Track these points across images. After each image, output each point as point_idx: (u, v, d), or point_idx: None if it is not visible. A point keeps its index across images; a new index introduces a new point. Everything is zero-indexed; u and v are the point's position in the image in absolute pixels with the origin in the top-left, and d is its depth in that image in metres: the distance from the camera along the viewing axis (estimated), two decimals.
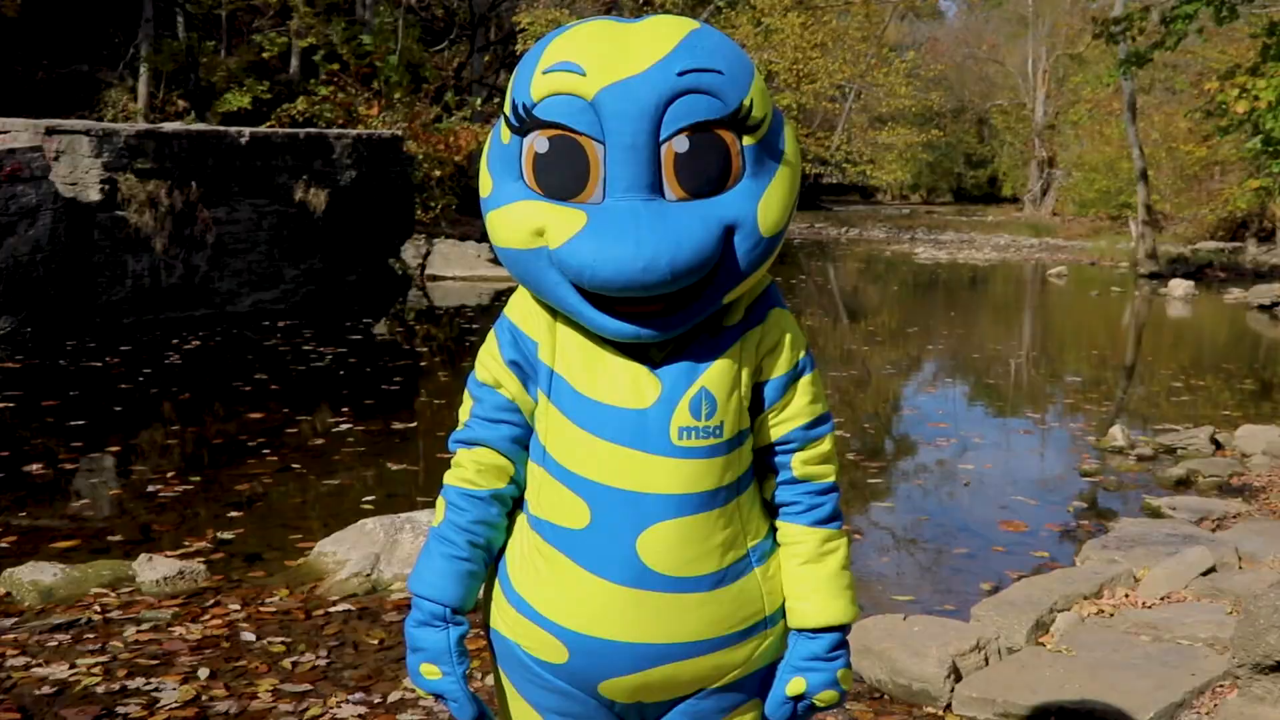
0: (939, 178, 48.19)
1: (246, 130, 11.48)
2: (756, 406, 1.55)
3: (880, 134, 33.00)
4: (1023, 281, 18.65)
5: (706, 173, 1.41)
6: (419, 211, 14.52)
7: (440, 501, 1.60)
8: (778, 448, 1.57)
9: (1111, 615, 3.72)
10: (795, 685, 1.57)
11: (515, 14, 22.25)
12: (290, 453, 6.05)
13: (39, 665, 3.42)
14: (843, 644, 1.59)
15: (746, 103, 1.41)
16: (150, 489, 5.36)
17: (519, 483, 1.59)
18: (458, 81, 21.35)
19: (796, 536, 1.57)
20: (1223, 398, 8.53)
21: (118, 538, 4.67)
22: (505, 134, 1.47)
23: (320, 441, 6.29)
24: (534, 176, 1.44)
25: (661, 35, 1.41)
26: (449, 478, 1.60)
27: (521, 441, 1.57)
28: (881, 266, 20.83)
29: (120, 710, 3.14)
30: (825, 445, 1.59)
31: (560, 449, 1.51)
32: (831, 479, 1.60)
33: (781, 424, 1.56)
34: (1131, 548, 4.38)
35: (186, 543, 4.58)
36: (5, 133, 9.97)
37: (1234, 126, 16.79)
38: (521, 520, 1.59)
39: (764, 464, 1.59)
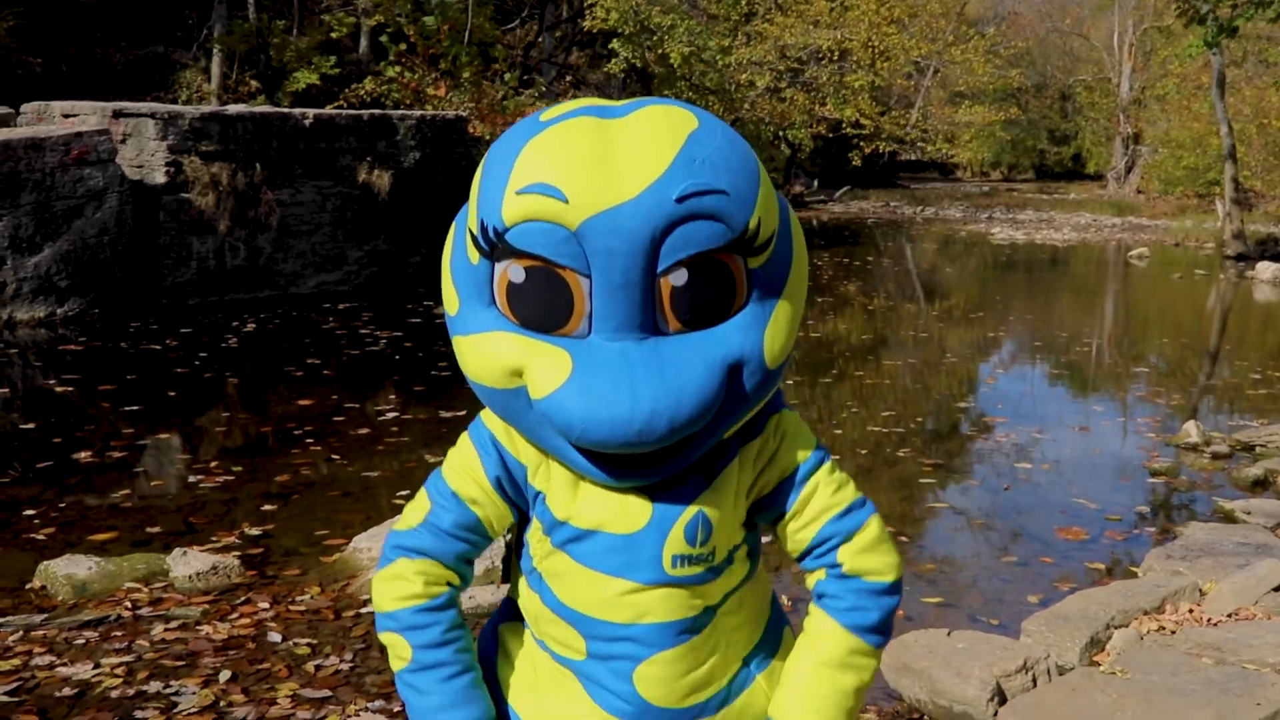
0: (1020, 154, 47.15)
1: (310, 112, 11.50)
2: (775, 517, 1.38)
3: (958, 111, 32.32)
4: (1102, 264, 18.12)
5: (707, 303, 1.23)
6: None
7: (391, 640, 1.37)
8: (817, 550, 1.38)
9: (1173, 633, 3.51)
10: None
11: None
12: (336, 442, 6.01)
13: (64, 665, 3.39)
14: None
15: (753, 224, 1.21)
16: (194, 479, 5.34)
17: (467, 579, 1.42)
18: (526, 60, 21.28)
19: (826, 634, 1.36)
20: None
21: (157, 529, 4.66)
22: (473, 254, 1.27)
23: (365, 431, 6.24)
24: (509, 306, 1.25)
25: (654, 143, 1.19)
26: (388, 601, 1.37)
27: (472, 559, 1.40)
28: (957, 247, 20.38)
29: (137, 715, 3.10)
30: (873, 531, 1.37)
31: (552, 579, 1.36)
32: (891, 579, 1.37)
33: (810, 525, 1.37)
34: (1199, 557, 4.15)
35: (223, 536, 4.55)
36: (74, 116, 10.11)
37: None
38: (527, 636, 1.44)
39: (809, 564, 1.40)
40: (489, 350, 1.26)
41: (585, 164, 1.18)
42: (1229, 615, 3.62)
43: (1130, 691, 3.06)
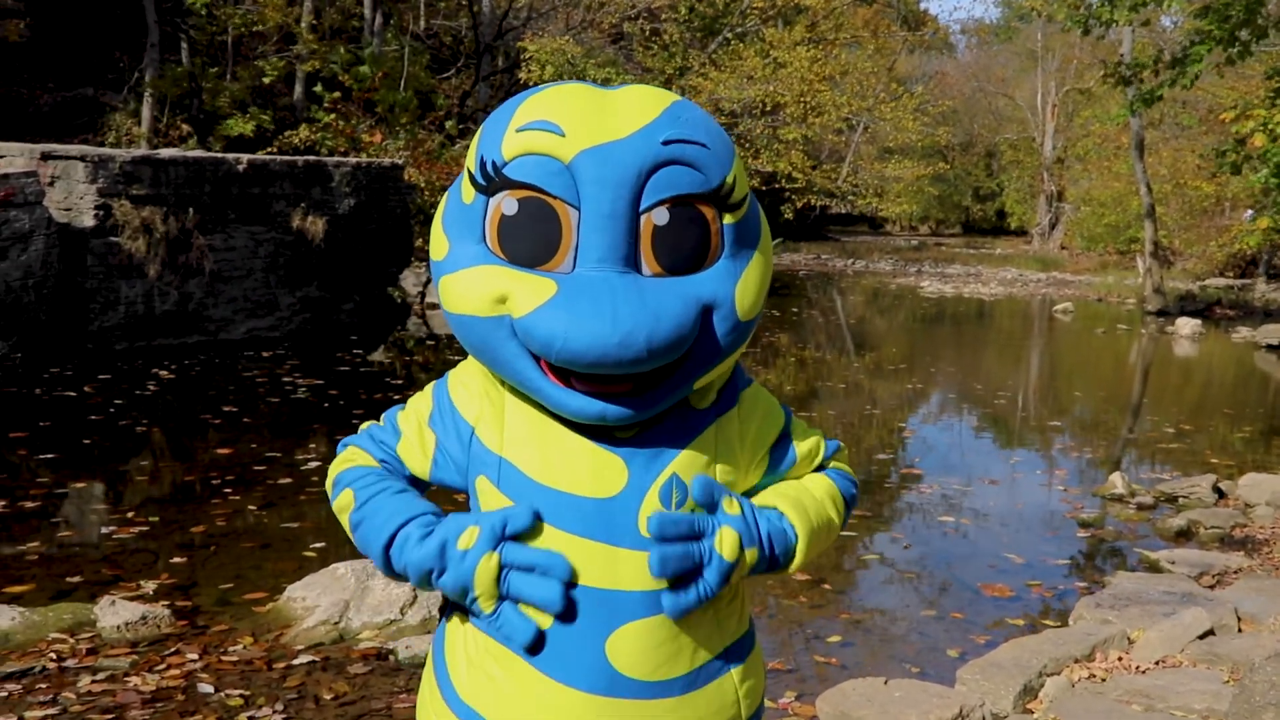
0: (947, 210, 48.22)
1: (244, 157, 11.42)
2: (778, 478, 1.52)
3: (887, 166, 32.96)
4: (1028, 317, 18.50)
5: (685, 249, 1.31)
6: (419, 239, 14.44)
7: (340, 502, 1.45)
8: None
9: (1103, 680, 3.57)
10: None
11: (520, 40, 22.25)
12: (260, 490, 5.91)
13: None
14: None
15: (729, 180, 1.32)
16: (115, 529, 5.22)
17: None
18: (462, 109, 21.35)
19: (813, 478, 1.54)
20: (1229, 442, 8.37)
21: (79, 578, 4.54)
22: (468, 193, 1.34)
23: (288, 480, 6.13)
24: (498, 240, 1.30)
25: (644, 103, 1.32)
26: (334, 472, 1.49)
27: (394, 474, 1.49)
28: (887, 300, 20.71)
29: None
30: (844, 455, 1.60)
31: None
32: (856, 486, 1.59)
33: (806, 470, 1.55)
34: (1126, 606, 4.23)
35: (147, 586, 4.45)
36: (1, 157, 9.92)
37: (1244, 162, 16.73)
38: (465, 624, 1.42)
39: None
40: (475, 280, 1.32)
41: (581, 107, 1.31)
42: (1156, 663, 3.69)
43: None
